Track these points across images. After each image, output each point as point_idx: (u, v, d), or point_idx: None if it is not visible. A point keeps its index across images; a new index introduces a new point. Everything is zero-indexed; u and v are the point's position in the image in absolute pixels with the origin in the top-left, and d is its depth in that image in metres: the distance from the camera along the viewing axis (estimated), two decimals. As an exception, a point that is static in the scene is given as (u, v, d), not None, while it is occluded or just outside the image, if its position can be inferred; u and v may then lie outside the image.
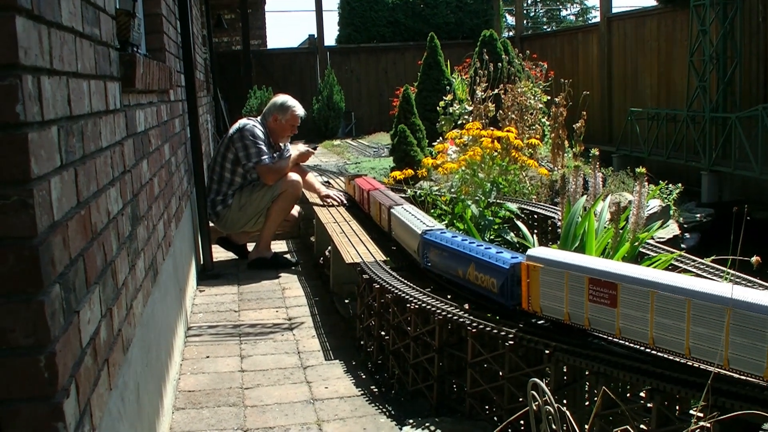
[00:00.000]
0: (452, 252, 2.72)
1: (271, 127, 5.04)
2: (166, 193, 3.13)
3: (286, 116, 5.06)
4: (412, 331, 2.73)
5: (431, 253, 2.91)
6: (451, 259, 2.72)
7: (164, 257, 2.89)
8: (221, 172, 4.93)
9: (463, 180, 4.49)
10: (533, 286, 2.24)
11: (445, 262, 2.79)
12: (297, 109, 5.09)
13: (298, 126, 5.15)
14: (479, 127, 4.80)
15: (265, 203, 4.93)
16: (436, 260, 2.87)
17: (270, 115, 5.07)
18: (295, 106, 5.09)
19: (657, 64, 10.07)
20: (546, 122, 7.78)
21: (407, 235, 3.26)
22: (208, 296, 4.36)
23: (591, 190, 3.57)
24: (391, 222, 3.62)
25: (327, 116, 13.71)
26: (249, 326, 3.78)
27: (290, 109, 5.07)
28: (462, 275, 2.65)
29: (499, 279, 2.39)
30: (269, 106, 5.14)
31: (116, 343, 1.74)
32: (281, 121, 5.05)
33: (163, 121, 3.20)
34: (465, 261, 2.61)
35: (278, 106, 5.06)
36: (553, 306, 2.18)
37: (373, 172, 8.14)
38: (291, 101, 5.12)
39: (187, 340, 3.56)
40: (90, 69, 1.65)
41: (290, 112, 5.07)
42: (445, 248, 2.77)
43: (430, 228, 3.03)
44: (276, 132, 5.07)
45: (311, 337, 3.59)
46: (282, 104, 5.07)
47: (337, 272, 4.16)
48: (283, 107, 5.06)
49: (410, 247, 3.22)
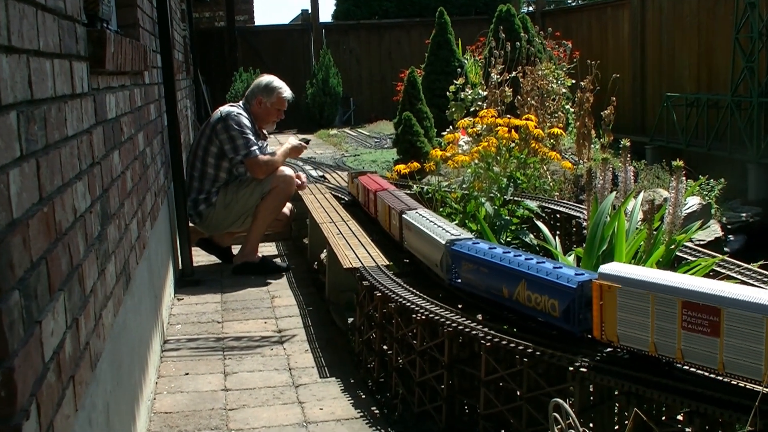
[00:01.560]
0: (494, 267, 2.56)
1: (254, 112, 5.05)
2: (141, 189, 3.13)
3: (272, 99, 5.07)
4: (419, 345, 2.73)
5: (463, 268, 2.76)
6: (492, 276, 2.57)
7: (138, 261, 2.89)
8: (203, 167, 4.93)
9: (476, 174, 4.48)
10: (608, 310, 2.09)
11: (482, 279, 2.64)
12: (284, 91, 5.10)
13: (285, 111, 5.16)
14: (494, 114, 4.80)
15: (254, 201, 4.94)
16: (470, 277, 2.71)
17: (253, 97, 5.07)
18: (282, 88, 5.10)
19: (697, 43, 10.06)
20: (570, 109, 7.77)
21: (426, 245, 3.11)
22: (188, 305, 4.36)
23: (621, 185, 3.57)
24: (404, 230, 3.46)
25: (322, 102, 13.72)
26: (234, 339, 3.78)
27: (276, 91, 5.07)
28: (508, 295, 2.50)
29: (562, 301, 2.25)
30: (252, 87, 5.15)
31: (83, 358, 1.74)
32: (266, 105, 5.06)
33: (137, 107, 3.21)
34: (512, 278, 2.47)
35: (263, 87, 5.07)
36: (633, 334, 2.04)
37: (375, 166, 8.15)
38: (277, 82, 5.12)
39: (164, 355, 3.56)
40: (54, 47, 1.65)
41: (276, 94, 5.07)
42: (483, 262, 2.62)
43: (457, 237, 2.88)
44: (260, 117, 5.07)
45: (304, 351, 3.59)
46: (267, 85, 5.07)
47: (334, 278, 4.16)
48: (269, 89, 5.06)
49: (430, 260, 3.07)
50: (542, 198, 4.75)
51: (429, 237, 3.06)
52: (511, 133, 4.46)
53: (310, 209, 4.83)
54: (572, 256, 3.58)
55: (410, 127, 7.01)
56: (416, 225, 3.27)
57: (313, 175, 6.41)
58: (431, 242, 3.03)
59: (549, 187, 5.43)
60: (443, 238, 2.91)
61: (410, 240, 3.40)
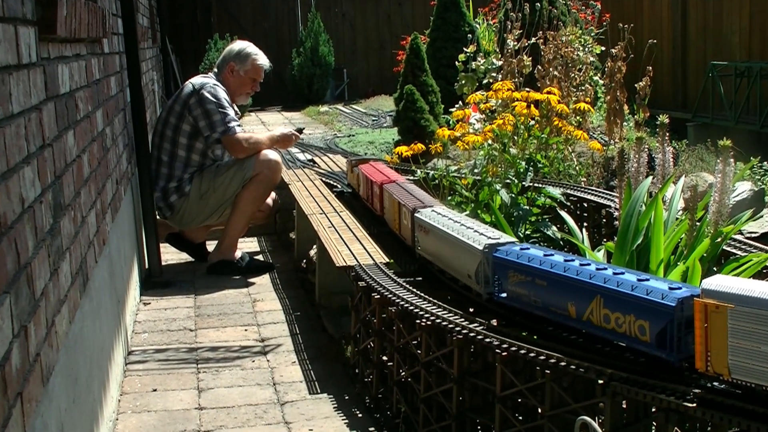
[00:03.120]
0: (556, 279, 2.43)
1: (226, 82, 5.05)
2: (100, 175, 3.13)
3: (246, 66, 5.07)
4: (423, 356, 2.74)
5: (510, 281, 2.62)
6: (553, 291, 2.44)
7: (97, 259, 2.89)
8: (173, 149, 4.93)
9: (490, 157, 4.48)
10: (716, 335, 1.96)
11: (538, 295, 2.51)
12: (259, 58, 5.10)
13: (261, 82, 5.17)
14: (511, 87, 4.80)
15: (234, 189, 4.94)
16: (521, 291, 2.58)
17: (225, 65, 5.07)
18: (257, 55, 5.11)
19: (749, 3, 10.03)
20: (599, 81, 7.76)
21: (452, 252, 2.98)
22: (156, 310, 4.37)
23: (658, 169, 3.56)
24: (417, 232, 3.34)
25: (311, 74, 13.70)
26: (209, 350, 3.79)
27: (251, 58, 5.08)
28: (576, 314, 2.37)
29: (655, 322, 2.12)
30: (224, 54, 5.15)
31: (33, 372, 1.74)
32: (239, 73, 5.06)
33: (95, 80, 3.20)
34: (582, 293, 2.34)
35: (235, 53, 5.07)
36: (751, 366, 1.91)
37: (372, 148, 8.14)
38: (251, 48, 5.13)
39: (128, 369, 3.57)
40: (-4, 9, 1.65)
41: (251, 61, 5.08)
42: (541, 273, 2.49)
43: (497, 241, 2.74)
44: (232, 88, 5.08)
45: (291, 363, 3.59)
46: (240, 51, 5.08)
47: (325, 279, 4.16)
48: (241, 55, 5.06)
49: (458, 269, 2.94)
50: (567, 184, 4.75)
51: (457, 241, 2.92)
52: (530, 109, 4.45)
53: (298, 199, 4.83)
54: (601, 251, 3.59)
55: (413, 103, 7.00)
56: (436, 226, 3.12)
57: (300, 159, 6.41)
58: (460, 248, 2.89)
59: (575, 172, 5.42)
60: (479, 242, 2.76)
61: (426, 244, 3.26)
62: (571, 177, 5.34)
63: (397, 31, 14.22)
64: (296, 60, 13.82)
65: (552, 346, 2.37)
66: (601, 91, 7.80)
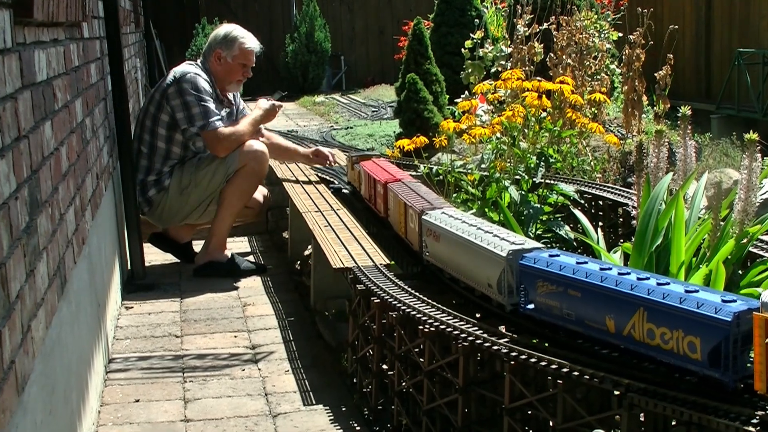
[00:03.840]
0: (592, 290, 2.37)
1: (213, 70, 5.04)
2: (79, 170, 3.13)
3: (233, 52, 5.05)
4: (426, 364, 2.74)
5: (538, 291, 2.58)
6: (589, 302, 2.39)
7: (76, 259, 2.90)
8: (152, 141, 4.93)
9: (498, 152, 4.48)
10: None
11: (571, 306, 2.46)
12: (247, 41, 5.07)
13: (252, 67, 5.15)
14: (521, 76, 4.80)
15: (216, 184, 4.93)
16: (551, 302, 2.53)
17: (211, 52, 5.06)
18: (245, 37, 5.08)
19: (776, -13, 10.03)
20: (616, 70, 7.76)
21: (468, 259, 2.93)
22: (139, 315, 4.37)
23: (680, 165, 3.57)
24: (425, 237, 3.29)
25: (306, 62, 13.70)
26: (196, 357, 3.79)
27: (237, 42, 5.05)
28: (614, 329, 2.32)
29: (707, 339, 2.06)
30: (209, 40, 5.13)
31: (7, 380, 1.74)
32: (226, 60, 5.04)
33: (74, 67, 3.20)
34: (622, 306, 2.29)
35: (221, 39, 5.05)
36: None
37: (371, 141, 8.15)
38: (238, 30, 5.10)
39: (109, 377, 3.57)
40: (-32, -9, 1.65)
41: (238, 45, 5.05)
42: (574, 283, 2.43)
43: (522, 247, 2.70)
44: (221, 76, 5.06)
45: (284, 372, 3.59)
46: (226, 36, 5.05)
47: (321, 282, 4.16)
48: (228, 40, 5.04)
49: (476, 278, 2.90)
50: (581, 181, 4.75)
51: (474, 247, 2.87)
52: (541, 100, 4.45)
53: (291, 195, 4.83)
54: (618, 253, 3.59)
55: (416, 93, 7.00)
56: (449, 230, 3.07)
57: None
58: (479, 254, 2.85)
59: (589, 168, 5.43)
60: (501, 248, 2.72)
61: (437, 250, 3.22)
62: (585, 173, 5.35)
63: (398, 15, 14.21)
64: (290, 46, 13.82)
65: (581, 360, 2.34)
66: (618, 81, 7.80)
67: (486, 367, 2.61)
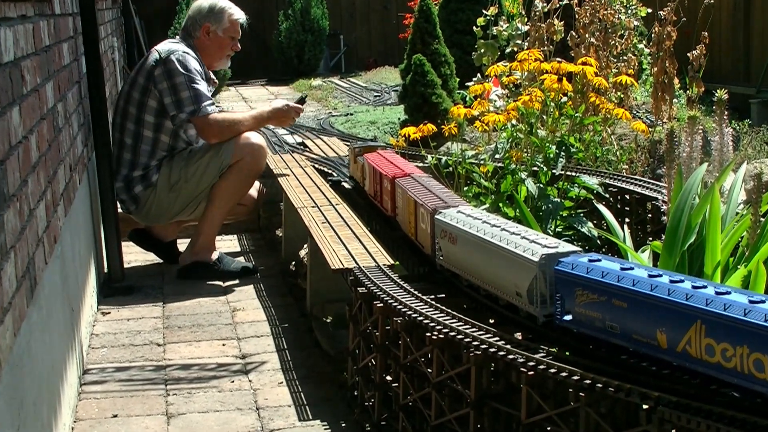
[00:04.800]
0: (641, 300, 2.33)
1: (202, 47, 5.08)
2: (50, 160, 3.13)
3: (223, 24, 5.09)
4: (435, 375, 2.74)
5: (577, 300, 2.53)
6: (636, 314, 2.35)
7: (47, 260, 2.90)
8: (138, 130, 4.93)
9: (514, 140, 4.47)
10: None
11: (615, 318, 2.42)
12: (234, 11, 5.14)
13: (239, 40, 5.19)
14: (539, 57, 4.79)
15: (210, 179, 4.93)
16: (593, 314, 2.49)
17: (197, 27, 5.07)
18: (231, 8, 5.14)
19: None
20: (644, 50, 7.75)
21: (492, 263, 2.89)
22: (117, 321, 4.37)
23: (715, 155, 3.56)
24: (441, 237, 3.25)
25: (301, 41, 13.69)
26: (180, 368, 3.79)
27: (226, 13, 5.10)
28: (667, 344, 2.26)
29: None
30: (192, 14, 5.14)
31: (-27, 392, 1.74)
32: (216, 33, 5.09)
33: (44, 47, 3.20)
34: (676, 318, 2.24)
35: (207, 11, 5.08)
36: None
37: (374, 129, 8.15)
38: (223, 1, 5.15)
39: (84, 390, 3.57)
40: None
41: (227, 17, 5.10)
42: (620, 292, 2.38)
43: (556, 250, 2.65)
44: (210, 52, 5.12)
45: (277, 384, 3.59)
46: (212, 8, 5.09)
47: (318, 284, 4.15)
48: (215, 12, 5.08)
49: (501, 286, 2.87)
50: (605, 172, 4.74)
51: (499, 251, 2.83)
52: (562, 84, 4.45)
53: (286, 189, 4.83)
54: (647, 252, 3.58)
55: (423, 76, 7.00)
56: (468, 231, 3.03)
57: (288, 142, 6.41)
58: (505, 258, 2.81)
59: (615, 158, 5.42)
60: (533, 252, 2.68)
61: (453, 254, 3.17)
62: (610, 164, 5.34)
63: (403, -10, 14.20)
64: (284, 24, 13.80)
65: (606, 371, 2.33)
66: (646, 62, 7.79)
67: (501, 379, 2.60)
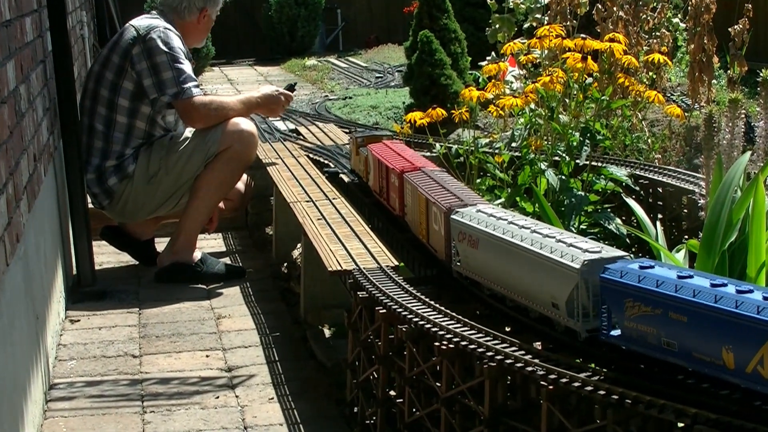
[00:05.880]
0: (702, 313, 2.28)
1: (190, 29, 5.13)
2: (12, 149, 3.13)
3: (217, 7, 5.21)
4: (444, 390, 2.74)
5: (626, 313, 2.48)
6: (699, 329, 2.29)
7: (8, 261, 2.89)
8: (110, 115, 4.93)
9: (532, 127, 4.47)
10: None
11: (673, 333, 2.36)
12: None
13: None
14: (561, 33, 4.79)
15: (193, 170, 4.93)
16: (647, 329, 2.44)
17: (194, 10, 5.10)
18: None
19: None
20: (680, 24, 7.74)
21: (523, 271, 2.84)
22: (87, 330, 4.38)
23: (759, 142, 3.56)
24: (459, 240, 3.21)
25: (294, 16, 13.69)
26: (158, 382, 3.79)
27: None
28: (734, 364, 2.23)
29: None
30: None
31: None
32: (210, 17, 5.19)
33: (5, 22, 3.20)
34: (745, 334, 2.19)
35: None
36: None
37: (375, 115, 8.15)
38: None
39: (49, 407, 3.57)
40: None
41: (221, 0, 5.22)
42: (677, 303, 2.33)
43: (598, 255, 2.61)
44: (196, 35, 5.21)
45: (267, 400, 3.60)
46: None
47: (313, 288, 4.15)
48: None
49: (534, 296, 2.84)
50: (635, 162, 4.73)
51: (533, 255, 2.79)
52: (586, 63, 4.44)
53: (277, 182, 4.83)
54: (682, 252, 3.58)
55: (430, 55, 6.98)
56: (491, 233, 2.98)
57: (280, 128, 6.41)
58: (539, 265, 2.76)
59: (646, 146, 5.41)
60: (573, 258, 2.63)
61: (473, 260, 3.12)
62: (641, 153, 5.33)
63: (408, -42, 14.20)
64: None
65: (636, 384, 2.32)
66: (682, 38, 7.77)
67: (518, 393, 2.60)
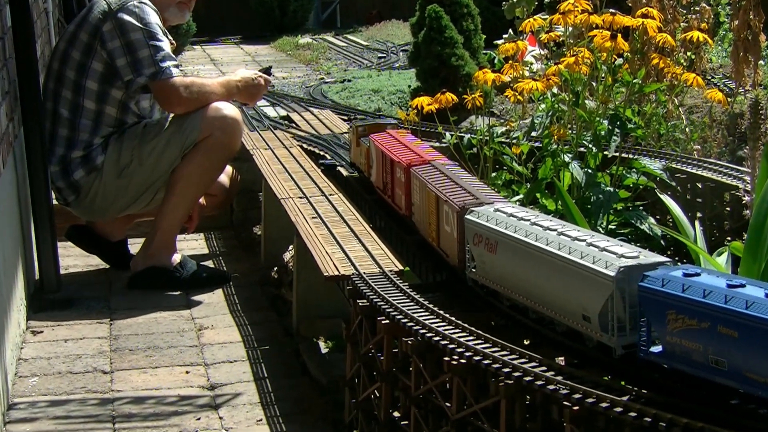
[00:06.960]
0: (756, 327, 2.25)
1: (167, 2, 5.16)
2: (-32, 139, 3.13)
3: None
4: (455, 410, 2.74)
5: (668, 327, 2.47)
6: (752, 346, 2.27)
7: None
8: (77, 99, 4.93)
9: (555, 114, 4.46)
10: None
11: (722, 350, 2.34)
12: None
13: None
14: (587, 8, 4.78)
15: (170, 162, 4.93)
16: (692, 345, 2.42)
17: None
18: None
19: None
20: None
21: (549, 278, 2.86)
22: (51, 343, 4.37)
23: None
24: (474, 243, 3.21)
25: (286, -11, 13.71)
26: (132, 402, 3.79)
27: None
28: None
29: None
30: None
31: None
32: None
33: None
34: None
35: None
36: None
37: (378, 100, 8.15)
38: None
39: (8, 430, 3.56)
40: None
41: None
42: (728, 316, 2.31)
43: (636, 261, 2.61)
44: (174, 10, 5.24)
45: (255, 422, 3.60)
46: None
47: (307, 296, 4.16)
48: None
49: (561, 307, 2.84)
50: (671, 154, 4.73)
51: (561, 262, 2.79)
52: (616, 41, 4.43)
53: (266, 175, 4.83)
54: (724, 255, 3.58)
55: (440, 32, 6.99)
56: (512, 236, 2.98)
57: (269, 115, 6.40)
58: (568, 272, 2.76)
59: (684, 136, 5.40)
60: (607, 264, 2.63)
61: (490, 266, 3.11)
62: (677, 143, 5.32)
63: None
64: (263, -33, 13.83)
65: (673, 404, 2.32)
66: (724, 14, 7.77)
67: (538, 414, 2.60)
